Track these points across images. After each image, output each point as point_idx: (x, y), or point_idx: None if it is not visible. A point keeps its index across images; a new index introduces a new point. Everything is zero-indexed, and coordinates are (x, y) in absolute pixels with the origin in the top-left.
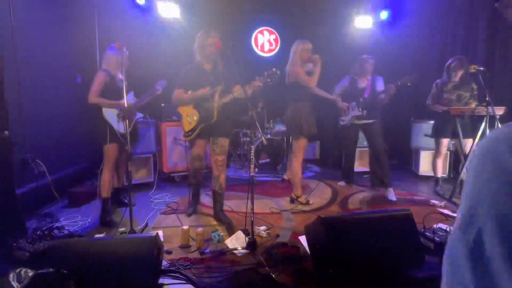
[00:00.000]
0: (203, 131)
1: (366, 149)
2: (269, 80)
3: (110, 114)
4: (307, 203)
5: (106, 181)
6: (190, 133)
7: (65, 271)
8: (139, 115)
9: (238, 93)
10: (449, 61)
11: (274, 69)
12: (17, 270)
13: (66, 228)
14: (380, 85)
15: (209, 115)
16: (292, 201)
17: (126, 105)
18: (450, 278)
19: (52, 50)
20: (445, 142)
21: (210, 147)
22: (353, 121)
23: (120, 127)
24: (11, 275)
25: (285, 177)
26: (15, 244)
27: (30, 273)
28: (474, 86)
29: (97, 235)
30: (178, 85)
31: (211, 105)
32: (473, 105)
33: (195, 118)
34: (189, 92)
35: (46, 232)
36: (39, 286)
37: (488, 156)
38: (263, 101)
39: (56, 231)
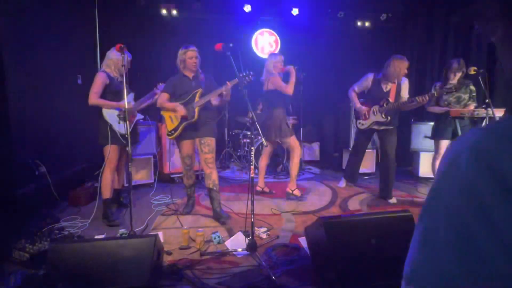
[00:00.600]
0: (186, 131)
1: (369, 150)
2: (244, 81)
3: (110, 115)
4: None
5: (108, 182)
6: (172, 131)
7: (53, 274)
8: (139, 116)
9: (215, 94)
10: (450, 65)
11: (247, 71)
12: (12, 272)
13: (66, 229)
14: (405, 89)
15: (190, 114)
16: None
17: (126, 106)
18: (409, 253)
19: (52, 51)
20: (445, 143)
21: (198, 148)
22: (372, 125)
23: (120, 127)
24: (10, 278)
25: (258, 188)
26: (15, 245)
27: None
28: (473, 88)
29: (97, 236)
30: (163, 90)
31: (192, 105)
32: (472, 106)
33: (177, 117)
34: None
35: (46, 233)
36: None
37: (449, 159)
38: (262, 103)
39: (56, 232)
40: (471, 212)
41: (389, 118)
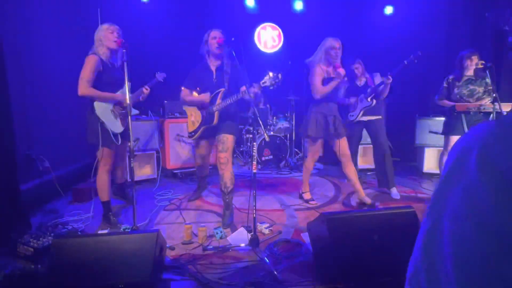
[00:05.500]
0: (205, 133)
1: (370, 146)
2: (273, 83)
3: (103, 110)
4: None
5: (104, 184)
6: (193, 133)
7: (57, 268)
8: (134, 111)
9: (241, 96)
10: (462, 53)
11: (276, 73)
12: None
13: (70, 224)
14: (378, 80)
15: (210, 118)
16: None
17: (126, 99)
18: (413, 252)
19: (55, 46)
20: (456, 139)
21: (215, 145)
22: (360, 117)
23: (114, 126)
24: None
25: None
26: (19, 240)
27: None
28: (488, 80)
29: (100, 231)
30: (185, 84)
31: (213, 108)
32: (485, 101)
33: (198, 120)
34: (194, 93)
35: (50, 228)
36: (12, 285)
37: (455, 156)
38: (263, 98)
39: (60, 227)
40: (471, 219)
41: (374, 101)
